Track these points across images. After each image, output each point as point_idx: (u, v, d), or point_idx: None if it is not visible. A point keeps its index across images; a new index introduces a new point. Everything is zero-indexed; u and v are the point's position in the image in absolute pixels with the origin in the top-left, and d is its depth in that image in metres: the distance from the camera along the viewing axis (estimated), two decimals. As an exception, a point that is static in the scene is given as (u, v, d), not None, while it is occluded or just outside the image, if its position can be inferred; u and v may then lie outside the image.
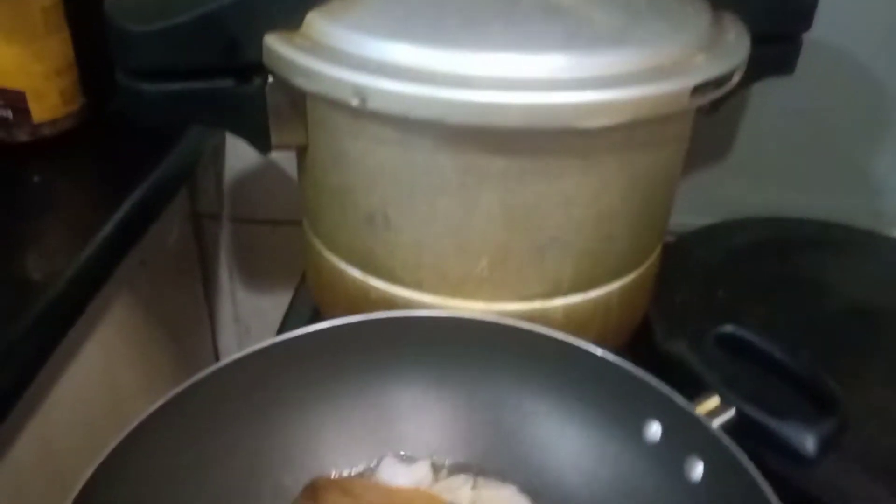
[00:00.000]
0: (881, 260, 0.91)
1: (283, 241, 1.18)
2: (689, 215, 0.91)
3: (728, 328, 0.64)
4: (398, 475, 0.67)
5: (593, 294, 0.69)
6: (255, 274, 1.22)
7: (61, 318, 0.76)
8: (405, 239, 0.66)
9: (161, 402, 0.58)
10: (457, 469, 0.68)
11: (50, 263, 0.76)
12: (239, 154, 1.13)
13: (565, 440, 0.66)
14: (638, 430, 0.62)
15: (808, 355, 0.64)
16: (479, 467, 0.67)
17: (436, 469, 0.68)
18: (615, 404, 0.63)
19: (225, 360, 0.63)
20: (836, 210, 0.95)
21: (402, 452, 0.68)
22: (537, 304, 0.68)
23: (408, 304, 0.69)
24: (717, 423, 0.58)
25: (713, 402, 0.60)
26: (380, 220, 0.66)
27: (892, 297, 0.85)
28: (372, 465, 0.68)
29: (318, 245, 0.75)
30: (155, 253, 1.00)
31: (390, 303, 0.70)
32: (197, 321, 1.18)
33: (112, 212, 0.83)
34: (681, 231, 0.92)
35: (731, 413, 0.59)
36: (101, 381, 0.87)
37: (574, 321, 0.69)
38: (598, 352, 0.63)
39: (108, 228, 0.81)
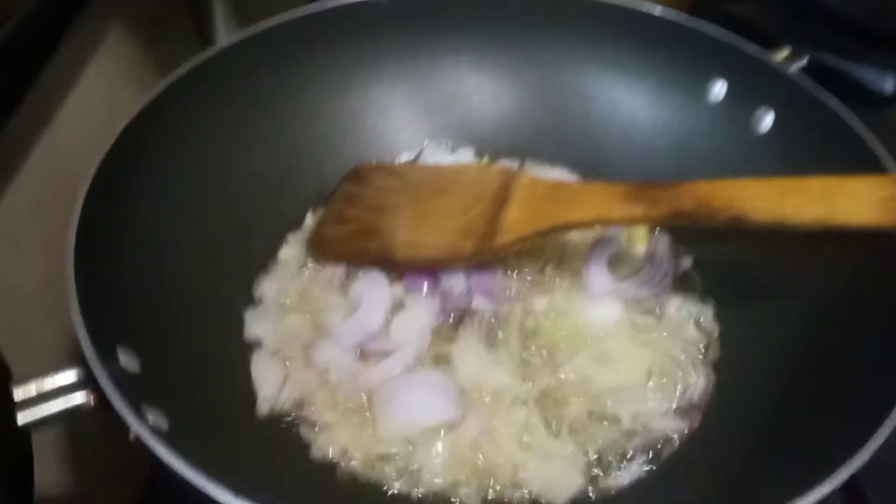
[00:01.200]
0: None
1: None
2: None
3: (798, -16, 0.59)
4: (441, 162, 0.65)
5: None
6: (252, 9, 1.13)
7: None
8: None
9: (183, 69, 0.54)
10: (502, 156, 0.65)
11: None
12: None
13: (619, 116, 0.62)
14: (701, 92, 0.58)
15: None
16: (525, 153, 0.64)
17: (480, 157, 0.65)
18: (676, 68, 0.59)
19: (251, 30, 0.57)
20: None
21: (445, 141, 0.65)
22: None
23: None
24: (792, 68, 0.54)
25: (784, 51, 0.56)
26: None
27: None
28: (414, 154, 0.65)
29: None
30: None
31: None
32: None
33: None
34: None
35: (803, 61, 0.55)
36: (105, 110, 0.82)
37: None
38: (658, 10, 0.58)
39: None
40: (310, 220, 0.60)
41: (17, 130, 0.65)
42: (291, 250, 0.58)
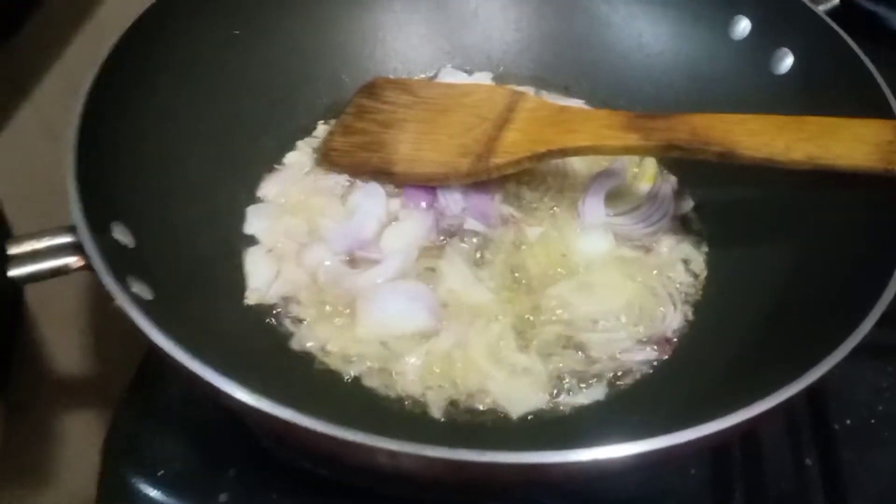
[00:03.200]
0: None
1: None
2: None
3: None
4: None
5: None
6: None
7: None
8: None
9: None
10: (520, 83, 0.64)
11: None
12: None
13: (642, 48, 0.61)
14: (724, 28, 0.56)
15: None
16: (544, 81, 0.64)
17: (498, 83, 0.65)
18: (700, 2, 0.58)
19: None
20: None
21: (464, 65, 0.65)
22: None
23: None
24: (820, 8, 0.52)
25: (817, -10, 0.54)
26: None
27: None
28: (431, 74, 0.65)
29: None
30: None
31: None
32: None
33: None
34: None
35: (835, 0, 0.53)
36: None
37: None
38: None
39: None
40: (321, 129, 0.61)
41: (58, 16, 0.68)
42: (298, 155, 0.59)
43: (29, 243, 0.40)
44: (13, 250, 0.39)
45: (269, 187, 0.57)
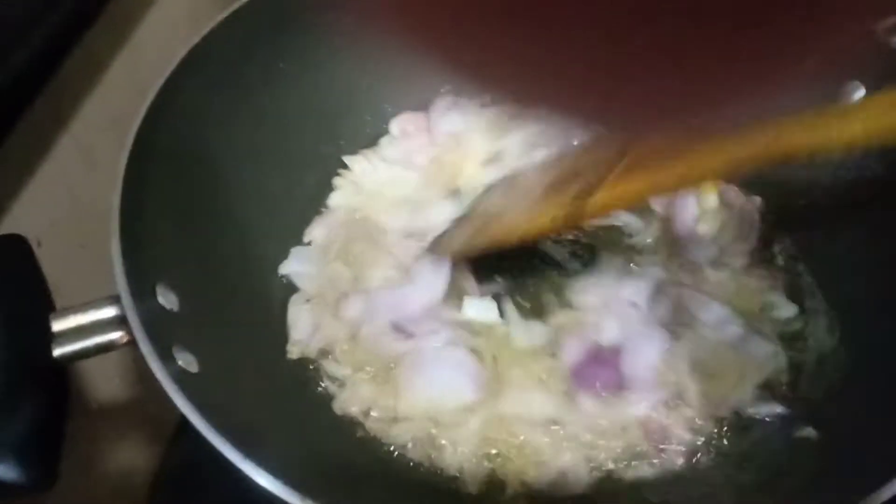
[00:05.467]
0: None
1: None
2: None
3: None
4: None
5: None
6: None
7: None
8: None
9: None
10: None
11: None
12: None
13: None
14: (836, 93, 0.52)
15: None
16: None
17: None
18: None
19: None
20: None
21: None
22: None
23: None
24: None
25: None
26: None
27: None
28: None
29: None
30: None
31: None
32: None
33: None
34: None
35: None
36: (185, 27, 0.81)
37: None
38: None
39: None
40: (357, 161, 0.58)
41: (96, 46, 0.66)
42: (342, 196, 0.57)
43: (74, 317, 0.38)
44: (57, 326, 0.38)
45: (316, 231, 0.55)
